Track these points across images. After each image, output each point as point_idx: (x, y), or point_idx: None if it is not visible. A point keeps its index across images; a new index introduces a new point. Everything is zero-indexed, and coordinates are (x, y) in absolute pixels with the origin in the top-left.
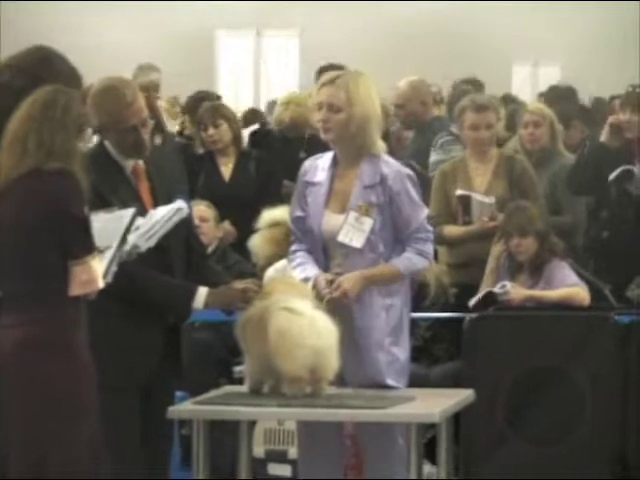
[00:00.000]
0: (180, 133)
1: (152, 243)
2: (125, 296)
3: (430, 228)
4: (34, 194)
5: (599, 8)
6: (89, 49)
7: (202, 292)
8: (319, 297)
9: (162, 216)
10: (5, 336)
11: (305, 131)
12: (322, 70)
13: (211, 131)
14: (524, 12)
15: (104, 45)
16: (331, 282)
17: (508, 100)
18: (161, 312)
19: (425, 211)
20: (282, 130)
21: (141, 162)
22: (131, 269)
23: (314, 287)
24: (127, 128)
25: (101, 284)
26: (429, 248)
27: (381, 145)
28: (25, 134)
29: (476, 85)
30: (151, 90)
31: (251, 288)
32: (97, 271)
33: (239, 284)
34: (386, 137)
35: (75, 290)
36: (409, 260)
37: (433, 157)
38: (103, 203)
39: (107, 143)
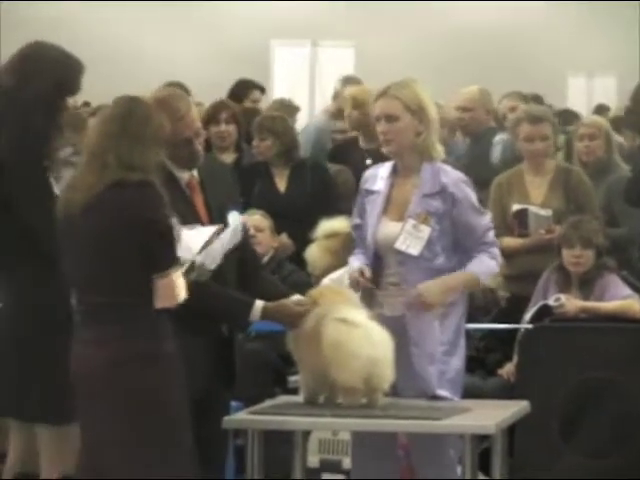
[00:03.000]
0: None
1: (217, 262)
2: (184, 307)
3: (493, 232)
4: (119, 206)
5: None
6: (142, 61)
7: (258, 306)
8: (352, 285)
9: (226, 238)
10: (90, 352)
11: None
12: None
13: (256, 142)
14: (580, 23)
15: (161, 57)
16: (362, 273)
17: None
18: (218, 323)
19: (488, 216)
20: None
21: (196, 174)
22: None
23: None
24: (181, 141)
25: (182, 298)
26: (497, 251)
27: (440, 149)
28: (104, 150)
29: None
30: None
31: (307, 311)
32: (179, 285)
33: (296, 305)
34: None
35: (159, 303)
36: (483, 264)
37: (499, 136)
38: None
39: (162, 155)
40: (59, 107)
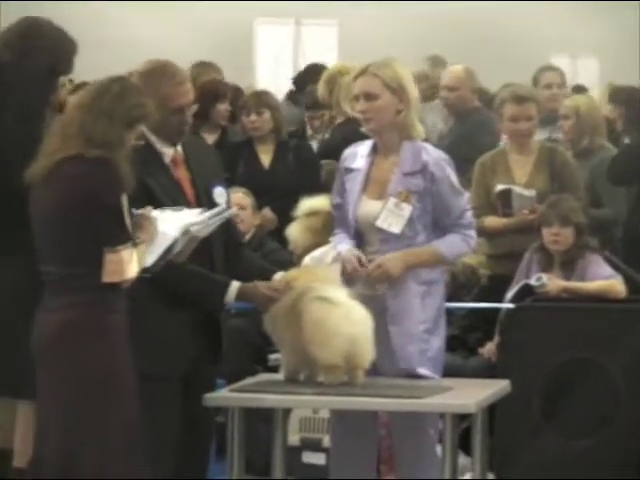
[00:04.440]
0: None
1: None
2: (161, 286)
3: (470, 214)
4: (71, 180)
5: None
6: (126, 43)
7: (234, 287)
8: (344, 272)
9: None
10: (46, 320)
11: None
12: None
13: (253, 117)
14: (563, 5)
15: (143, 37)
16: (359, 260)
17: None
18: (195, 303)
19: (466, 197)
20: None
21: (180, 150)
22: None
23: (342, 262)
24: (175, 107)
25: (130, 275)
26: (472, 233)
27: (420, 129)
28: (70, 120)
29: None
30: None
31: (279, 295)
32: (128, 262)
33: (268, 289)
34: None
35: (106, 277)
36: (452, 243)
37: None
38: (146, 192)
39: (146, 131)
40: (53, 86)
